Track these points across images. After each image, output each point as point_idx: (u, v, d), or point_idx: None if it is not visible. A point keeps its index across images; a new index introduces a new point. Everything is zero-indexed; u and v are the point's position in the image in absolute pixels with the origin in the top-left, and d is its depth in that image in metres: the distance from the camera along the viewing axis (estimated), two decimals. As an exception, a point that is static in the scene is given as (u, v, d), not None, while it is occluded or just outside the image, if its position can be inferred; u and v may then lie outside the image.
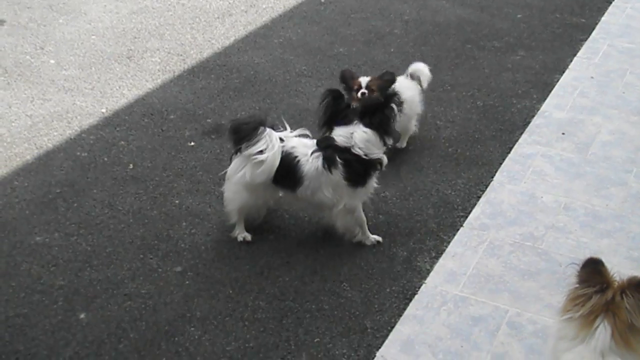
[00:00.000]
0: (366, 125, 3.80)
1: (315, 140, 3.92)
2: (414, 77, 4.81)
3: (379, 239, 4.07)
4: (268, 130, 3.78)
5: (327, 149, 3.82)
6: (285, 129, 3.96)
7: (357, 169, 3.82)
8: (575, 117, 5.18)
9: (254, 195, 3.96)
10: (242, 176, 3.86)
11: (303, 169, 3.81)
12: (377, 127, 3.81)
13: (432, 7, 6.91)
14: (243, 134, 3.79)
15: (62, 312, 3.66)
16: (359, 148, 3.78)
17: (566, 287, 2.64)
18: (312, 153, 3.82)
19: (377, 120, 3.81)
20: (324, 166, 3.79)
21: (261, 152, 3.74)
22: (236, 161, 3.89)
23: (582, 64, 5.92)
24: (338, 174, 3.81)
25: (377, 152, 3.85)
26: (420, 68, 4.85)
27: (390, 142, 3.92)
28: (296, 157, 3.82)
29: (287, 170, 3.82)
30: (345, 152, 3.79)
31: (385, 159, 3.91)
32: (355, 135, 3.79)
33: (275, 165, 3.78)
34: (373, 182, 3.96)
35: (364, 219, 4.04)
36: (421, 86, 4.84)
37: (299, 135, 3.96)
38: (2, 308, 3.68)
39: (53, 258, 4.00)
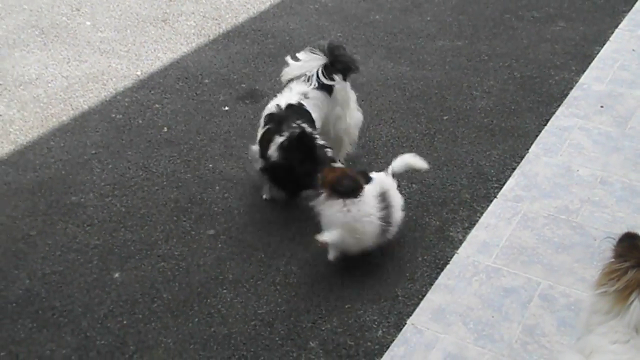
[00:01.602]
0: None
1: None
2: None
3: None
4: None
5: None
6: None
7: None
8: (614, 90, 5.08)
9: None
10: None
11: None
12: None
13: (470, -25, 6.79)
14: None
15: (97, 271, 3.72)
16: None
17: (600, 261, 2.61)
18: None
19: None
20: None
21: None
22: None
23: (623, 36, 5.78)
24: None
25: None
26: None
27: None
28: None
29: None
30: None
31: None
32: None
33: None
34: None
35: None
36: None
37: None
38: (38, 265, 3.75)
39: (88, 218, 4.06)
